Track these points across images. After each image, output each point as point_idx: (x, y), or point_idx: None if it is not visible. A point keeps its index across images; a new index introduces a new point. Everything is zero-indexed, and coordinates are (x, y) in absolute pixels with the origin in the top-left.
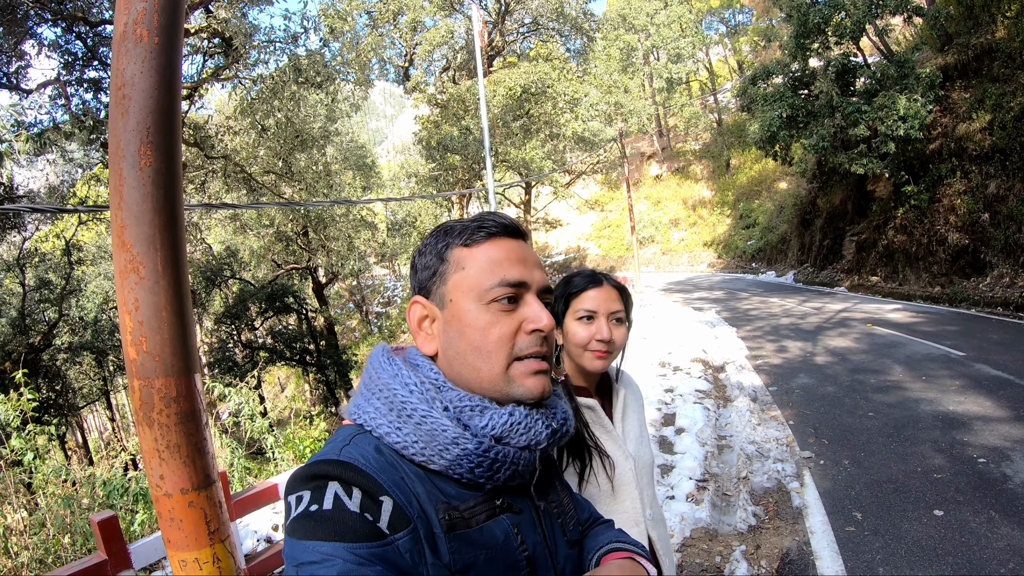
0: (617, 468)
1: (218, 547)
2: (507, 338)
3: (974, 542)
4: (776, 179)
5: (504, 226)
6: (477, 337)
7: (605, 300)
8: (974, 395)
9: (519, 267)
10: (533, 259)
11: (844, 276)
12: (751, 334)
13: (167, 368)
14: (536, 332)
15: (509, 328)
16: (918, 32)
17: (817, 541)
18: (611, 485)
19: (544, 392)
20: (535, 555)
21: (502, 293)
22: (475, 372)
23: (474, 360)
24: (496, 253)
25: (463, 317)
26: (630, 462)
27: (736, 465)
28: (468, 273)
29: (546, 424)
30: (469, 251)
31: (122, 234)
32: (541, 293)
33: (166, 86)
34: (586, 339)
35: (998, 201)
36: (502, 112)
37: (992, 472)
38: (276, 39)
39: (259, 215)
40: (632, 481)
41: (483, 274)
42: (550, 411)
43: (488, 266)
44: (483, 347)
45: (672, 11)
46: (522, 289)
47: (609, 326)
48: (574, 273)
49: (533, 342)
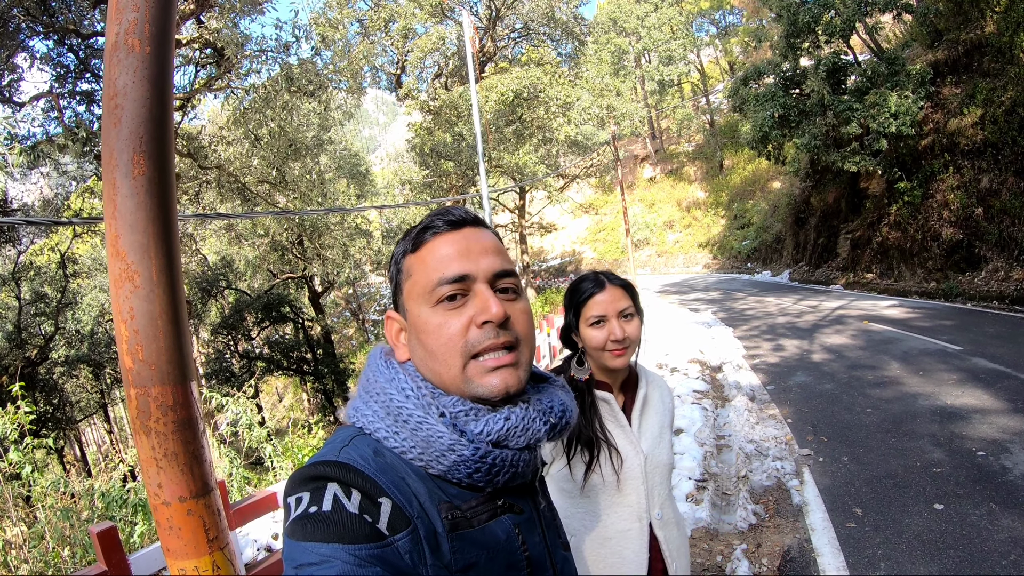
0: (626, 463)
1: (217, 555)
2: (456, 336)
3: (975, 535)
4: (769, 179)
5: (449, 221)
6: (431, 342)
7: (612, 301)
8: (971, 389)
9: (459, 261)
10: (479, 247)
11: (839, 274)
12: (748, 334)
13: (163, 376)
14: (487, 324)
15: (459, 326)
16: (908, 29)
17: (818, 538)
18: (616, 478)
19: (508, 388)
20: (535, 556)
21: (445, 292)
22: (438, 377)
23: (433, 364)
24: (439, 251)
25: (417, 323)
26: (640, 458)
27: (735, 464)
28: (416, 279)
29: (544, 420)
30: (416, 256)
31: (116, 243)
32: (496, 279)
33: (158, 95)
34: (602, 341)
35: (991, 195)
36: (495, 117)
37: (991, 465)
38: (268, 48)
39: (254, 225)
40: (639, 477)
41: (427, 276)
42: (546, 406)
43: (431, 267)
44: (437, 350)
45: (662, 13)
46: (467, 282)
47: (620, 325)
48: (580, 279)
49: (487, 335)
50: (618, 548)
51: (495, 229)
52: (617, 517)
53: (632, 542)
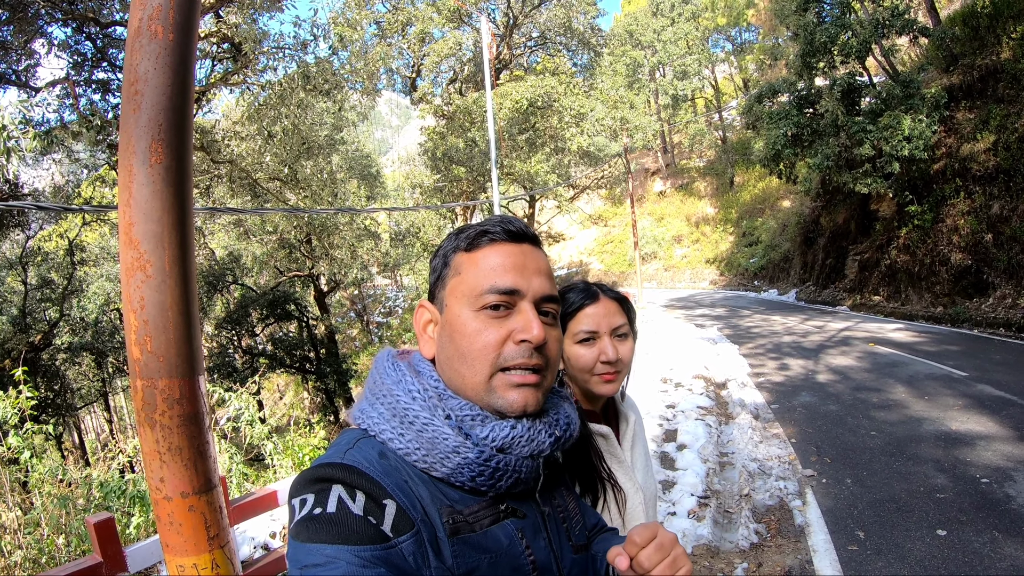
0: (628, 502)
1: (217, 553)
2: (492, 346)
3: (977, 562)
4: (780, 197)
5: (509, 231)
6: (464, 344)
7: (605, 316)
8: (976, 415)
9: (512, 274)
10: (534, 266)
11: (846, 295)
12: (753, 351)
13: (171, 369)
14: (524, 343)
15: (497, 337)
16: (924, 52)
17: (819, 560)
18: (622, 520)
19: (527, 407)
20: (540, 560)
21: (491, 300)
22: (461, 378)
23: (459, 366)
24: (494, 259)
25: (454, 322)
26: (640, 495)
27: (738, 482)
28: (464, 278)
29: (549, 433)
30: (469, 256)
31: (130, 231)
32: (542, 302)
33: (179, 83)
34: (591, 362)
35: (1001, 222)
36: (508, 125)
37: (995, 492)
38: (286, 46)
39: (263, 221)
40: (642, 516)
41: (477, 280)
42: (552, 418)
43: (483, 272)
44: (468, 354)
45: (679, 28)
46: (515, 297)
47: (613, 344)
48: (566, 288)
49: (521, 352)
50: None
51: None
52: None
53: None
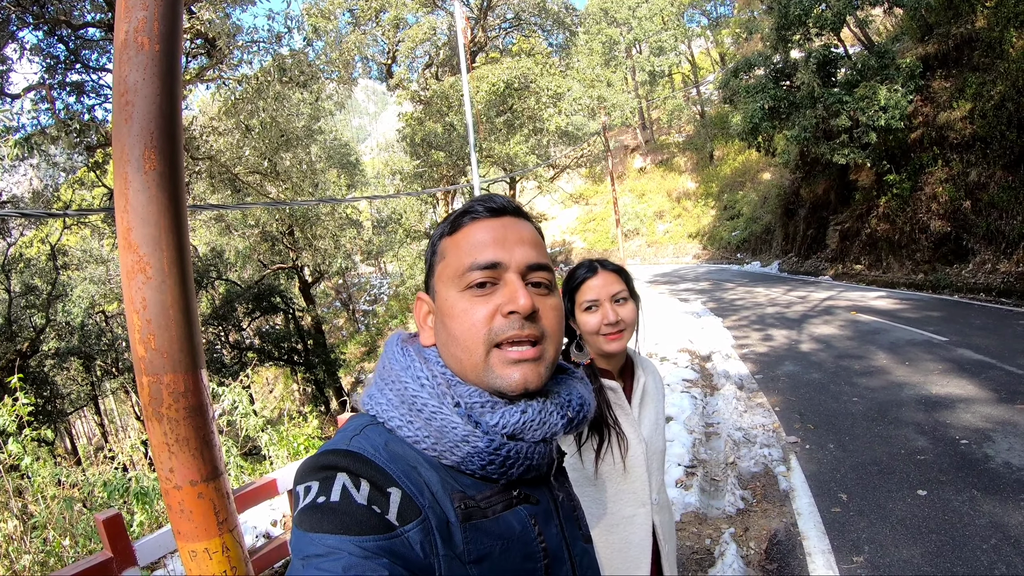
0: (630, 450)
1: (227, 536)
2: (481, 323)
3: (957, 520)
4: (760, 170)
5: (490, 208)
6: (455, 326)
7: (604, 286)
8: (956, 378)
9: (493, 248)
10: (516, 236)
11: (828, 265)
12: (737, 324)
13: (175, 364)
14: (513, 314)
15: (485, 313)
16: (898, 22)
17: (804, 522)
18: (623, 464)
19: (528, 384)
20: (552, 547)
21: (475, 278)
22: (459, 363)
23: (455, 350)
24: (475, 236)
25: (443, 306)
26: (643, 445)
27: (724, 451)
28: (448, 261)
29: (561, 415)
30: (452, 239)
31: (128, 236)
32: (528, 271)
33: (168, 92)
34: (596, 326)
35: (979, 189)
36: (486, 108)
37: (974, 452)
38: (260, 39)
39: (244, 215)
40: (643, 464)
41: (459, 259)
42: (564, 399)
43: (464, 250)
44: (461, 336)
45: (654, 4)
46: (498, 270)
47: (613, 308)
48: (575, 267)
49: (511, 325)
50: (625, 534)
51: (537, 224)
52: (623, 504)
53: (638, 527)
